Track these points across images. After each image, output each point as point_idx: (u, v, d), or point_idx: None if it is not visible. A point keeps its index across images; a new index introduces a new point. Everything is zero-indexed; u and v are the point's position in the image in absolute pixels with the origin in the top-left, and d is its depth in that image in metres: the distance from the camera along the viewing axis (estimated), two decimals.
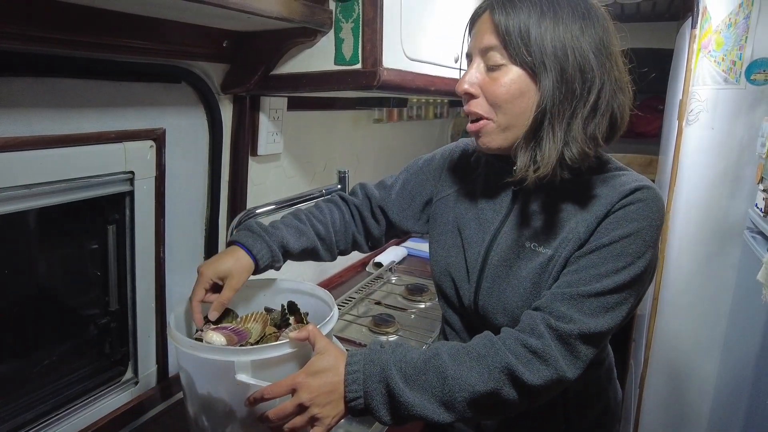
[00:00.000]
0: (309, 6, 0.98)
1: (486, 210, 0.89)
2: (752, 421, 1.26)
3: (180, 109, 1.11)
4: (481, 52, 0.78)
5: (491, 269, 0.84)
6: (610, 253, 0.72)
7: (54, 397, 0.99)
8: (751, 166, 1.55)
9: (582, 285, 0.72)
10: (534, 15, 0.72)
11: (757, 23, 1.47)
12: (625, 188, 0.75)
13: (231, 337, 0.85)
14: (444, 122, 2.67)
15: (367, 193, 1.06)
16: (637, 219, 0.73)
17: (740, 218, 1.59)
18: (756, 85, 1.50)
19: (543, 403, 0.83)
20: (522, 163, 0.75)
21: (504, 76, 0.75)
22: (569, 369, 0.70)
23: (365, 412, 0.71)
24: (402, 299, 1.74)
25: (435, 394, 0.70)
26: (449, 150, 1.03)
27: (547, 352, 0.69)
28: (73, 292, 1.05)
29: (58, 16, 0.77)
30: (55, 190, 0.89)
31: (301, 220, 0.98)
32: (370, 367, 0.71)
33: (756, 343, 1.30)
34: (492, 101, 0.77)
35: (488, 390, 0.69)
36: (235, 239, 0.91)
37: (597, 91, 0.73)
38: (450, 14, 1.30)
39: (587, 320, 0.70)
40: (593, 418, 0.92)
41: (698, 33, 1.64)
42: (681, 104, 1.71)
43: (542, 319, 0.71)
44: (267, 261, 0.91)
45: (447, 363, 0.71)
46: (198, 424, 0.83)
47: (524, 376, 0.69)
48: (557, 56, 0.72)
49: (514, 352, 0.71)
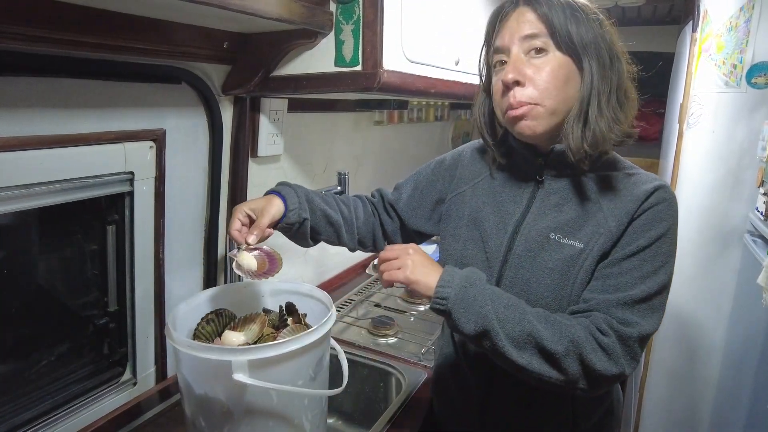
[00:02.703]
0: (309, 8, 0.98)
1: (506, 203, 0.90)
2: (753, 425, 1.26)
3: (180, 110, 1.11)
4: (522, 41, 0.80)
5: (515, 259, 0.85)
6: (648, 255, 0.77)
7: (52, 397, 0.99)
8: (752, 170, 1.55)
9: (629, 289, 0.76)
10: (567, 9, 0.79)
11: (758, 27, 1.46)
12: (649, 186, 0.80)
13: (263, 262, 0.86)
14: (444, 125, 2.67)
15: (382, 193, 1.11)
16: (666, 219, 0.78)
17: (741, 222, 1.59)
18: (757, 89, 1.50)
19: (552, 405, 0.86)
20: (576, 144, 0.78)
21: (550, 63, 0.79)
22: (628, 367, 0.74)
23: (443, 315, 0.78)
24: (402, 302, 1.74)
25: (507, 328, 0.73)
26: (459, 151, 1.05)
27: (612, 349, 0.73)
28: (72, 292, 1.05)
29: (59, 16, 0.77)
30: (55, 190, 0.89)
31: (326, 197, 1.02)
32: (471, 276, 0.78)
33: (757, 346, 1.30)
34: (542, 87, 0.79)
35: (553, 350, 0.72)
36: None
37: (620, 77, 0.80)
38: (451, 17, 1.30)
39: (643, 323, 0.74)
40: (597, 419, 0.92)
41: (699, 36, 1.64)
42: (682, 108, 1.71)
43: (605, 320, 0.75)
44: (295, 205, 0.92)
45: (529, 311, 0.75)
46: (195, 425, 0.83)
47: (590, 357, 0.72)
48: (595, 44, 0.79)
49: (586, 336, 0.73)
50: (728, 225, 1.61)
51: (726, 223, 1.61)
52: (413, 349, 1.38)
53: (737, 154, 1.57)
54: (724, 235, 1.62)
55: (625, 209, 0.79)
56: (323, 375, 0.88)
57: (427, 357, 1.33)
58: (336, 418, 1.37)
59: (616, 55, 0.80)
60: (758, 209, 1.43)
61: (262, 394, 0.77)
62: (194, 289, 1.26)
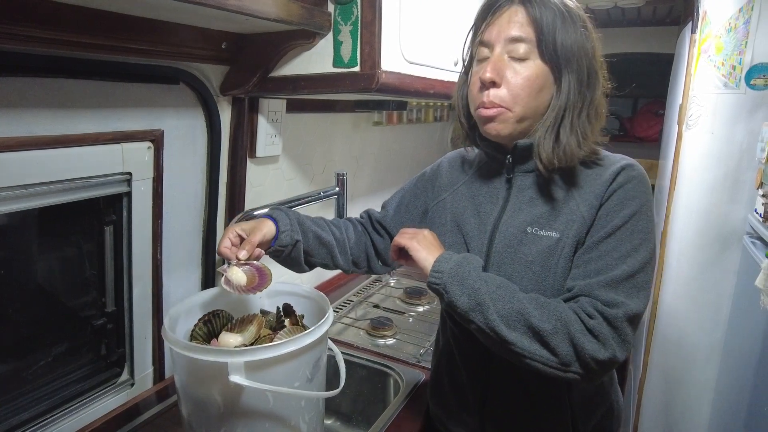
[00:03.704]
0: (308, 8, 0.98)
1: (484, 203, 0.92)
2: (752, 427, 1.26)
3: (178, 110, 1.11)
4: (507, 42, 0.80)
5: (496, 256, 0.87)
6: (625, 234, 0.77)
7: (50, 398, 0.99)
8: (751, 171, 1.54)
9: (611, 270, 0.76)
10: (558, 16, 0.79)
11: (757, 28, 1.46)
12: (615, 167, 0.82)
13: (253, 276, 0.86)
14: (444, 125, 2.67)
15: (369, 213, 1.13)
16: (637, 196, 0.79)
17: (740, 223, 1.58)
18: (756, 90, 1.50)
19: (551, 408, 0.86)
20: (547, 157, 0.80)
21: (529, 70, 0.80)
22: (619, 350, 0.73)
23: (438, 291, 0.81)
24: (400, 302, 1.74)
25: (498, 306, 0.76)
26: (438, 162, 1.08)
27: (600, 331, 0.73)
28: (70, 293, 1.05)
29: (57, 16, 0.77)
30: (53, 191, 0.89)
31: (317, 220, 1.03)
32: (465, 259, 0.81)
33: (755, 348, 1.29)
34: (515, 92, 0.81)
35: (541, 328, 0.73)
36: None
37: (594, 93, 0.82)
38: (449, 18, 1.30)
39: (629, 302, 0.74)
40: (597, 421, 0.92)
41: (698, 37, 1.64)
42: (681, 109, 1.71)
43: (590, 303, 0.75)
44: (287, 227, 0.93)
45: (519, 293, 0.78)
46: (192, 426, 0.83)
47: (578, 338, 0.72)
48: (577, 57, 0.79)
49: (574, 318, 0.74)
50: (727, 227, 1.61)
51: (725, 225, 1.61)
52: (411, 350, 1.38)
53: (736, 156, 1.57)
54: (724, 236, 1.61)
55: (594, 193, 0.81)
56: (320, 376, 0.88)
57: (425, 358, 1.32)
58: (334, 419, 1.37)
59: (595, 71, 0.82)
60: (757, 211, 1.43)
61: (258, 395, 0.77)
62: (192, 290, 1.25)
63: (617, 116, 3.24)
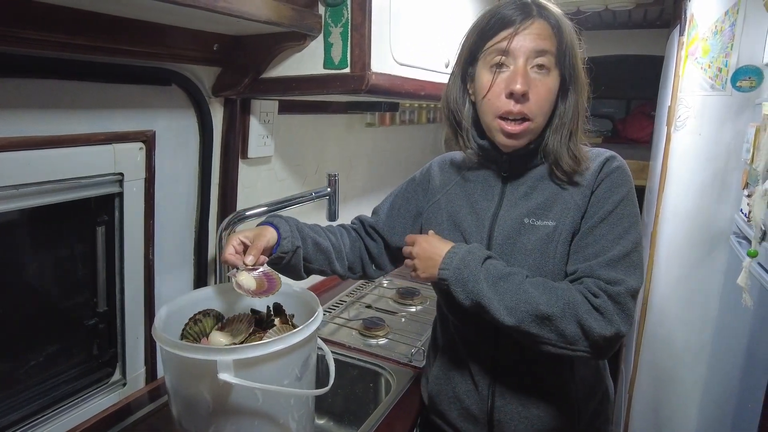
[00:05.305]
0: (298, 10, 0.99)
1: (479, 201, 0.96)
2: (739, 424, 1.27)
3: (170, 111, 1.12)
4: (534, 53, 0.83)
5: (496, 248, 0.91)
6: (616, 218, 0.84)
7: (41, 397, 0.99)
8: (738, 172, 1.56)
9: (608, 251, 0.82)
10: (570, 29, 0.86)
11: (742, 31, 1.48)
12: (600, 159, 0.89)
13: (261, 281, 0.88)
14: (437, 127, 2.68)
15: (361, 219, 1.15)
16: (623, 183, 0.87)
17: (727, 223, 1.61)
18: (742, 92, 1.52)
19: (558, 391, 0.92)
20: (568, 167, 0.87)
21: (552, 81, 0.85)
22: (623, 324, 0.79)
23: (446, 289, 0.87)
24: (393, 303, 1.75)
25: (506, 299, 0.81)
26: (427, 167, 1.10)
27: (605, 308, 0.78)
28: (62, 293, 1.05)
29: (49, 18, 0.78)
30: (44, 191, 0.90)
31: (314, 227, 1.05)
32: (467, 257, 0.85)
33: (742, 347, 1.31)
34: (539, 104, 0.85)
35: (550, 313, 0.78)
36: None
37: (584, 95, 0.89)
38: (440, 20, 1.31)
39: (628, 279, 0.80)
40: (594, 406, 0.97)
41: (686, 40, 1.66)
42: (669, 110, 1.73)
43: (594, 283, 0.80)
44: (288, 233, 0.95)
45: (525, 281, 0.82)
46: (181, 424, 0.83)
47: (585, 317, 0.78)
48: (581, 67, 0.87)
49: (581, 299, 0.79)
50: (715, 227, 1.63)
51: (713, 225, 1.63)
52: (403, 350, 1.39)
53: (724, 157, 1.59)
54: (711, 236, 1.64)
55: (585, 183, 0.88)
56: (310, 375, 0.89)
57: (416, 358, 1.33)
58: (326, 419, 1.38)
59: (583, 76, 0.89)
60: (742, 211, 1.45)
61: (247, 393, 0.78)
62: (184, 290, 1.26)
63: (611, 118, 3.26)
